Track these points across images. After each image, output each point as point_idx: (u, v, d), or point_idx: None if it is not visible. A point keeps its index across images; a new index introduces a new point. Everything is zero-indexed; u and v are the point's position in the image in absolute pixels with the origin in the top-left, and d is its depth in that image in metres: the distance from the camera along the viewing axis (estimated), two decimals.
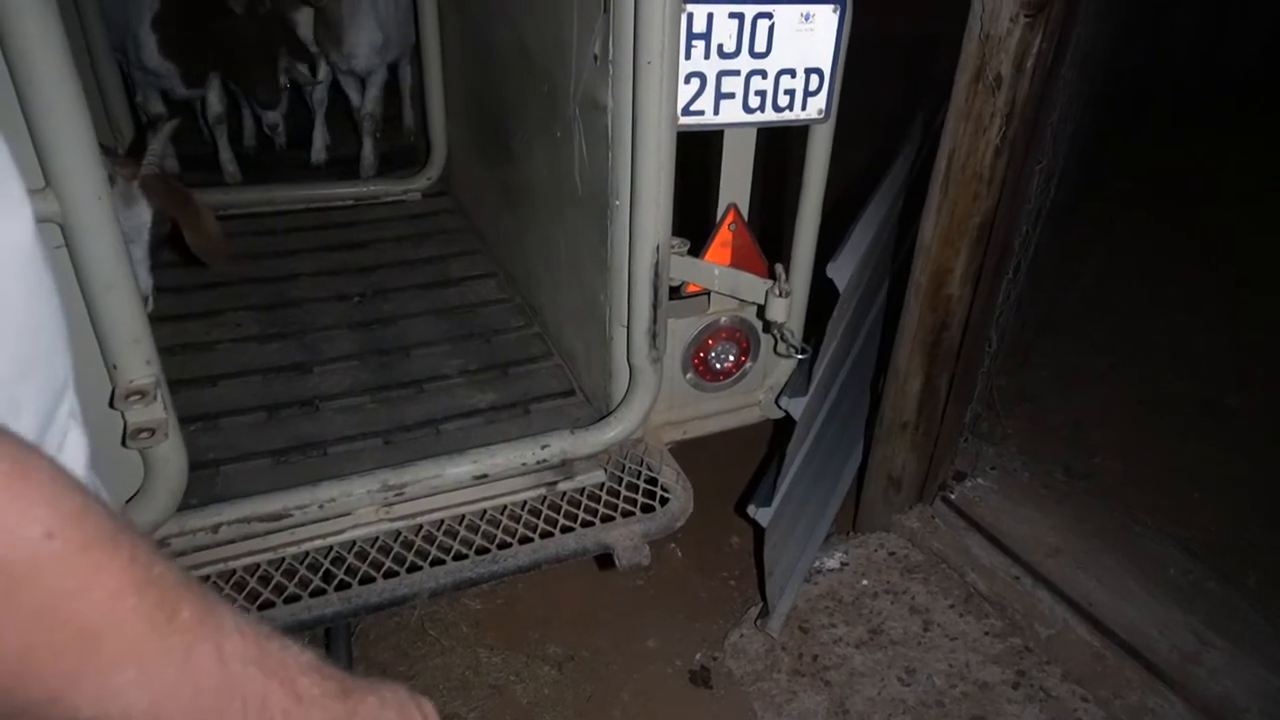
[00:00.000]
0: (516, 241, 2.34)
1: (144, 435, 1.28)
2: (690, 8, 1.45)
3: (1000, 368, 2.76)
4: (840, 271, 1.70)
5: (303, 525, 1.55)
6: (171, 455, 1.36)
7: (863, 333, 2.25)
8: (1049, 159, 2.04)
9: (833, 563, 2.33)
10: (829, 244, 1.86)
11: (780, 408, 1.88)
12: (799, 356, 1.74)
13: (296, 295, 2.35)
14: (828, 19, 1.56)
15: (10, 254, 0.47)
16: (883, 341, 2.31)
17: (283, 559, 1.55)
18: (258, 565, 1.54)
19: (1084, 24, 1.83)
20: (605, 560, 1.65)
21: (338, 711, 0.51)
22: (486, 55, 2.31)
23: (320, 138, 3.21)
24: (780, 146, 1.90)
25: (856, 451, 2.44)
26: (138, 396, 1.24)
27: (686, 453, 2.01)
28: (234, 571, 1.53)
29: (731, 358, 1.88)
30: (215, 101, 2.90)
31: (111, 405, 1.23)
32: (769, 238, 1.94)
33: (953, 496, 2.38)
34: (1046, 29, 1.70)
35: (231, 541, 1.52)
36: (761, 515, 1.99)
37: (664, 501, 1.73)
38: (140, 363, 1.26)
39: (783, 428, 2.01)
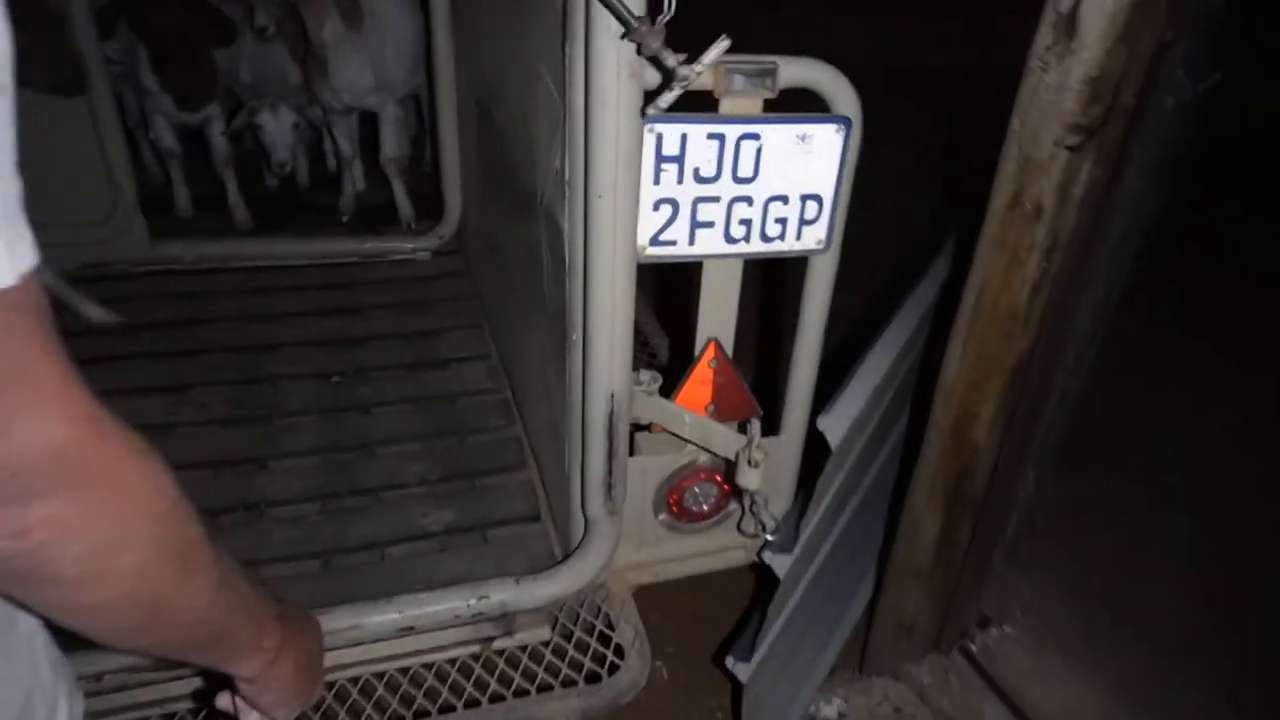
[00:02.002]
0: (507, 328, 2.16)
1: None
2: (659, 128, 1.23)
3: (1048, 477, 2.46)
4: (834, 424, 1.46)
5: (195, 676, 1.39)
6: None
7: (878, 463, 2.00)
8: (1106, 286, 1.76)
9: (830, 711, 2.07)
10: (838, 378, 1.62)
11: (761, 560, 1.65)
12: (766, 536, 1.51)
13: (274, 370, 2.22)
14: (829, 139, 1.33)
15: None
16: (901, 473, 2.05)
17: (174, 714, 1.39)
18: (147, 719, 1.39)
19: (1154, 135, 1.55)
20: None
21: (278, 607, 0.73)
22: (487, 119, 2.14)
23: (349, 185, 3.09)
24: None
25: (866, 587, 2.18)
26: None
27: None
28: None
29: (712, 499, 1.66)
30: (220, 141, 2.82)
31: None
32: (765, 368, 1.71)
33: (973, 648, 2.10)
34: (1100, 153, 1.43)
35: (118, 690, 1.37)
36: (740, 670, 1.75)
37: (614, 669, 1.52)
38: None
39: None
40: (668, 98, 1.12)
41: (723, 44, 1.06)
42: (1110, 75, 1.32)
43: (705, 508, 1.66)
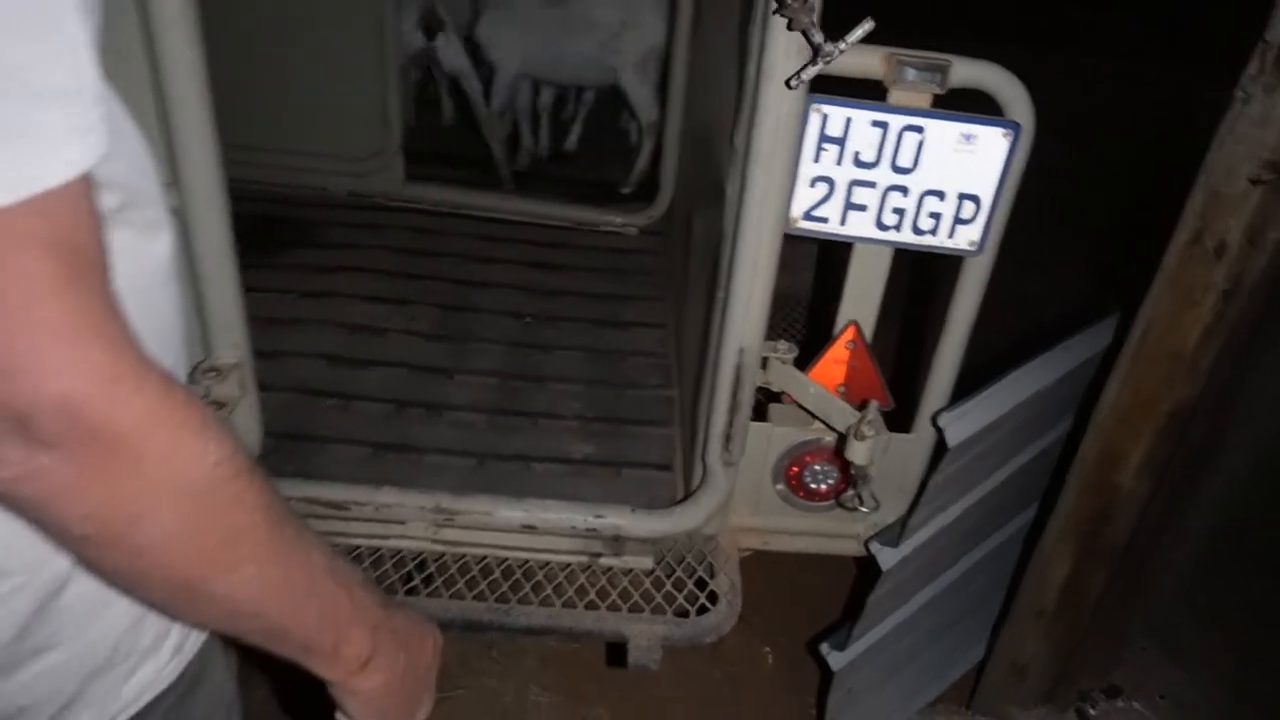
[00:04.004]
0: (683, 301, 2.32)
1: (216, 408, 1.44)
2: (826, 109, 1.33)
3: (1213, 556, 2.24)
4: (956, 424, 1.47)
5: (358, 520, 1.65)
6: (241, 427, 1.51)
7: (1022, 517, 1.96)
8: None
9: None
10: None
11: (866, 550, 1.68)
12: (862, 509, 1.55)
13: (478, 303, 2.51)
14: (995, 143, 1.36)
15: (156, 266, 0.61)
16: (1041, 511, 1.98)
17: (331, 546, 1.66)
18: None
19: None
20: (615, 650, 1.58)
21: (380, 617, 0.66)
22: (701, 109, 2.31)
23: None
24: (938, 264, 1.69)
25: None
26: (214, 374, 1.40)
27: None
28: None
29: (831, 481, 1.71)
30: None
31: (191, 379, 1.39)
32: (903, 373, 1.73)
33: (1093, 713, 1.99)
34: None
35: None
36: (834, 659, 1.80)
37: (702, 611, 1.62)
38: (228, 345, 1.42)
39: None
40: (809, 71, 1.22)
41: (867, 25, 1.14)
42: None
43: (823, 488, 1.72)
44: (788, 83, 1.26)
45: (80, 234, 0.46)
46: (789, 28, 1.20)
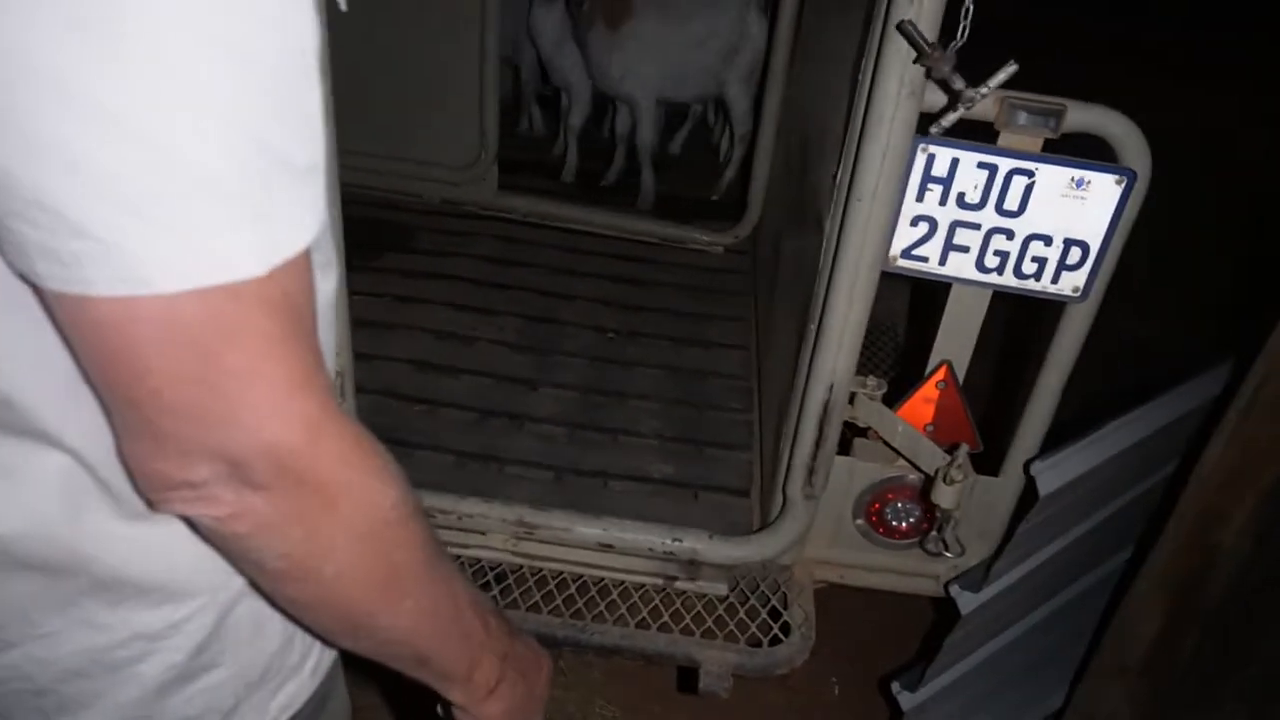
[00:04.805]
0: (768, 325, 2.31)
1: None
2: (932, 149, 1.32)
3: None
4: (1049, 474, 1.44)
5: (441, 528, 1.69)
6: None
7: (1108, 566, 1.90)
8: None
9: None
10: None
11: (945, 592, 1.65)
12: (946, 554, 1.52)
13: (564, 315, 2.55)
14: (1107, 190, 1.32)
15: (326, 303, 0.65)
16: (1129, 566, 1.92)
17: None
18: None
19: None
20: (685, 674, 1.59)
21: (507, 645, 0.71)
22: (798, 137, 2.31)
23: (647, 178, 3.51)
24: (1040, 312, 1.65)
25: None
26: None
27: None
28: None
29: (913, 519, 1.69)
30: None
31: None
32: (994, 416, 1.70)
33: None
34: None
35: None
36: (904, 699, 1.77)
37: (775, 642, 1.61)
38: (332, 353, 1.47)
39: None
40: (950, 118, 1.21)
41: (1009, 69, 1.13)
42: None
43: (904, 526, 1.69)
44: (925, 130, 1.26)
45: (301, 295, 0.49)
46: (928, 76, 1.20)
